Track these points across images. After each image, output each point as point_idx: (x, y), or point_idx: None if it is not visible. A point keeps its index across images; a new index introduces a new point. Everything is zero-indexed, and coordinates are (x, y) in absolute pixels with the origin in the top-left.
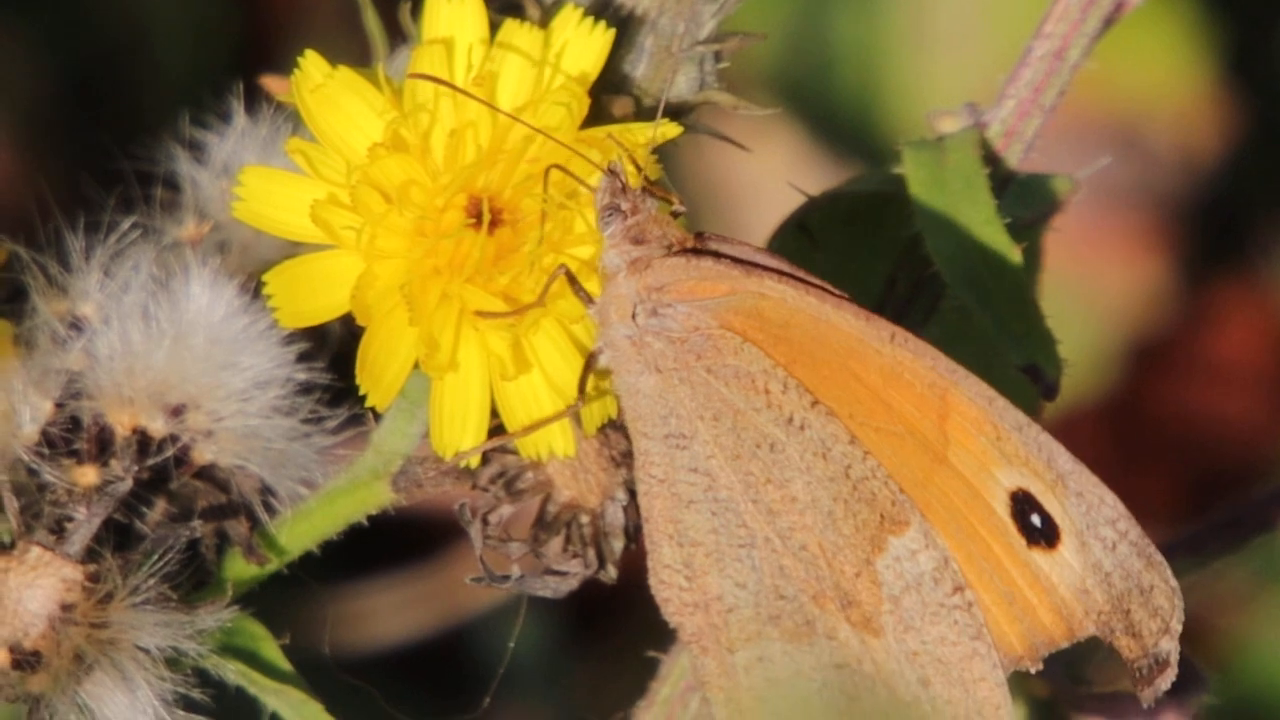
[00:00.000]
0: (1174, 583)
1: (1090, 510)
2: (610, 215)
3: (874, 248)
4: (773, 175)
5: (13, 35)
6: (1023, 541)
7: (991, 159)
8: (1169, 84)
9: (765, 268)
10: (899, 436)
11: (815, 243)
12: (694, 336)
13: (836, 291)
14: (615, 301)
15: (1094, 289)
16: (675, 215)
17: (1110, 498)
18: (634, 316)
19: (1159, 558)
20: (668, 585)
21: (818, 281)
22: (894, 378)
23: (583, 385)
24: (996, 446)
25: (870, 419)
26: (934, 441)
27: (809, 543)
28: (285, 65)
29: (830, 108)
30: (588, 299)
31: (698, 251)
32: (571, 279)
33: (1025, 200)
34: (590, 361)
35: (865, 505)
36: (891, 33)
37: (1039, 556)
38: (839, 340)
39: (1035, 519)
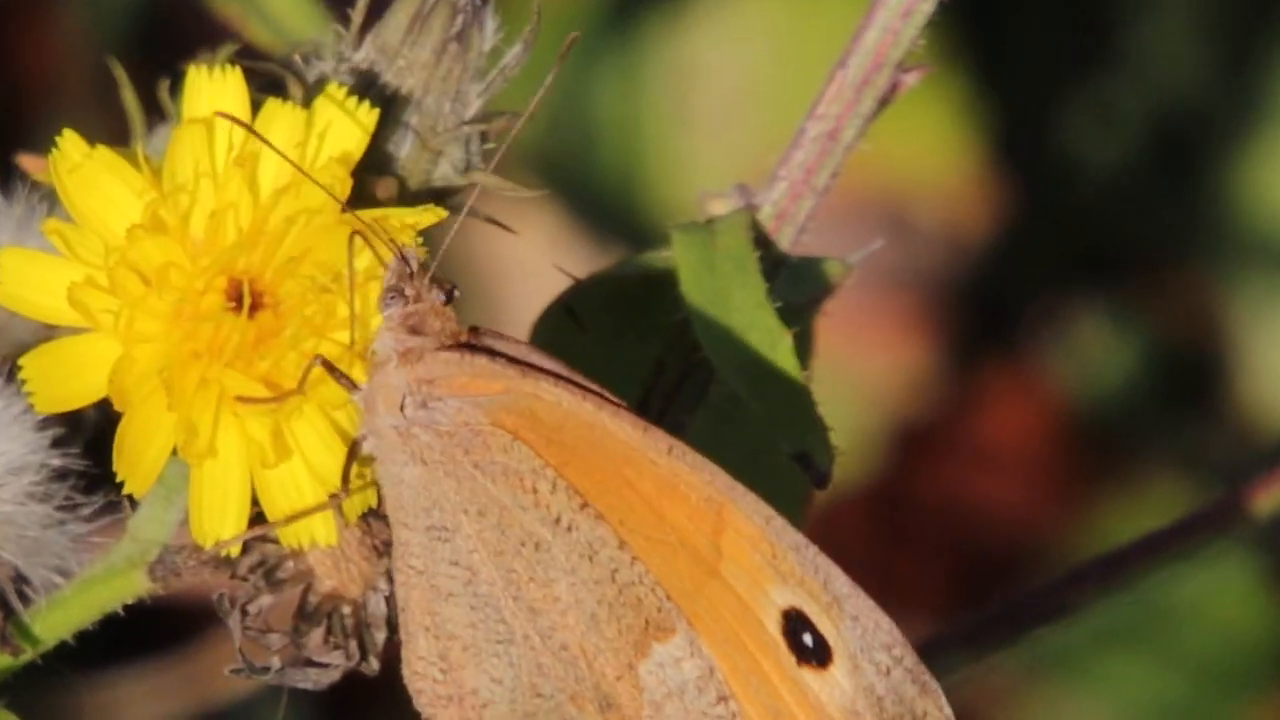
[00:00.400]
0: (948, 711)
1: (865, 634)
2: (392, 298)
3: (643, 331)
4: (535, 255)
5: None
6: (793, 659)
7: (763, 242)
8: (938, 164)
9: (541, 369)
10: (670, 546)
11: (582, 326)
12: (463, 431)
13: (614, 399)
14: (384, 390)
15: (860, 372)
16: (449, 299)
17: (886, 623)
18: (402, 407)
19: (934, 684)
20: (422, 677)
21: (595, 387)
22: (669, 489)
23: (346, 474)
24: (772, 565)
25: (641, 527)
26: (706, 554)
27: (570, 643)
28: (37, 139)
29: (592, 187)
30: (351, 385)
31: (472, 347)
32: (329, 367)
33: (797, 284)
34: (354, 449)
35: (630, 610)
36: (654, 111)
37: (809, 675)
38: (614, 447)
39: (808, 638)
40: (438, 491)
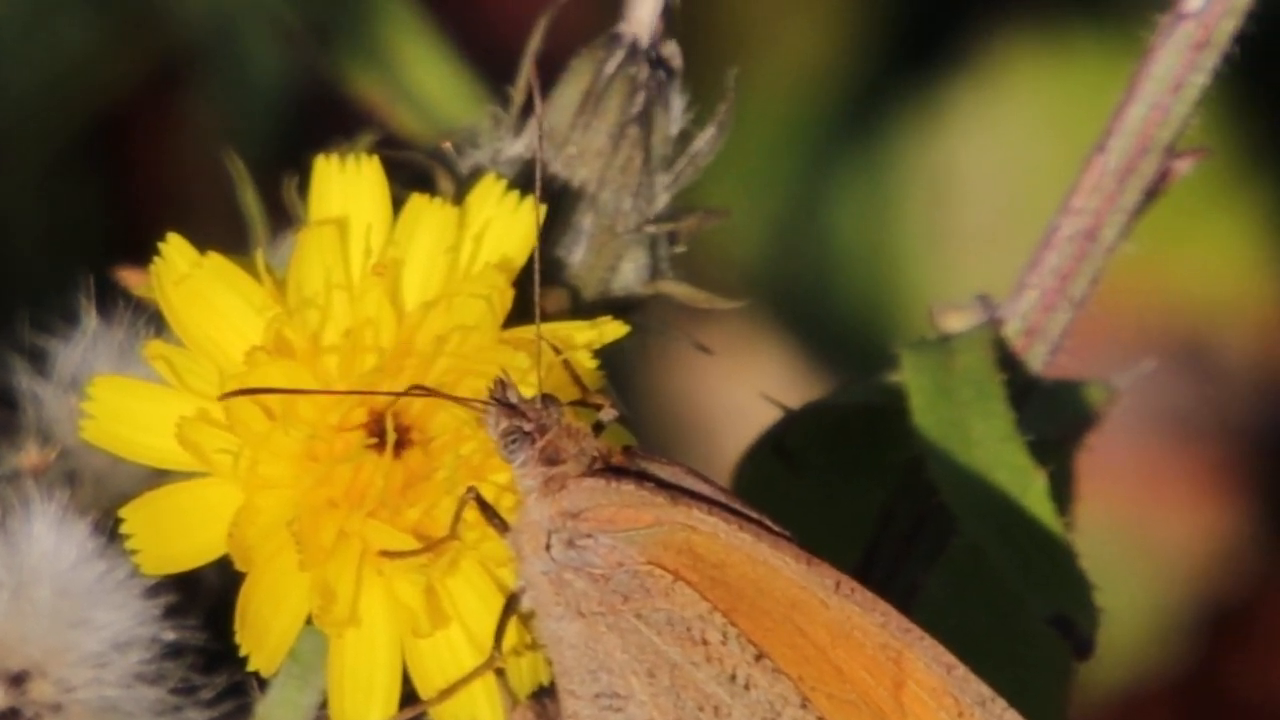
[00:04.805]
0: None
1: None
2: (513, 442)
3: (868, 472)
4: (760, 396)
5: None
6: None
7: (1009, 362)
8: (1240, 286)
9: (698, 495)
10: (853, 705)
11: (795, 467)
12: (619, 574)
13: (777, 528)
14: (528, 530)
15: (1154, 537)
16: (599, 426)
17: None
18: (549, 548)
19: None
20: None
21: (756, 514)
22: (842, 635)
23: (500, 633)
24: None
25: (820, 682)
26: (890, 714)
27: None
28: (150, 257)
29: (831, 318)
30: (503, 527)
31: (620, 471)
32: (483, 505)
33: (1051, 412)
34: (510, 604)
35: None
36: (903, 228)
37: None
38: (781, 588)
39: None
40: (602, 650)
